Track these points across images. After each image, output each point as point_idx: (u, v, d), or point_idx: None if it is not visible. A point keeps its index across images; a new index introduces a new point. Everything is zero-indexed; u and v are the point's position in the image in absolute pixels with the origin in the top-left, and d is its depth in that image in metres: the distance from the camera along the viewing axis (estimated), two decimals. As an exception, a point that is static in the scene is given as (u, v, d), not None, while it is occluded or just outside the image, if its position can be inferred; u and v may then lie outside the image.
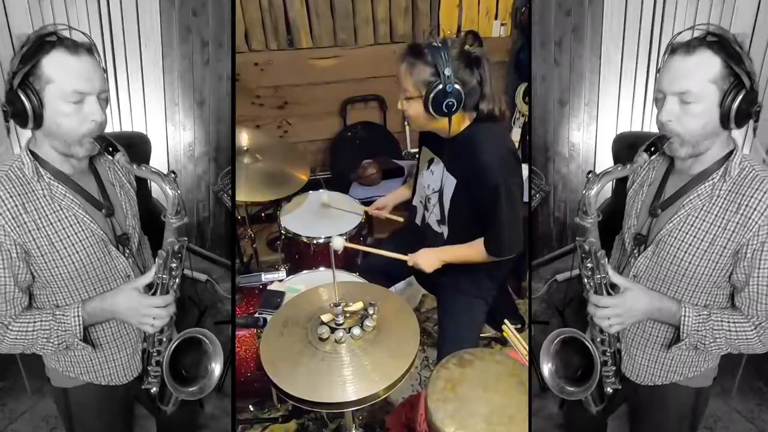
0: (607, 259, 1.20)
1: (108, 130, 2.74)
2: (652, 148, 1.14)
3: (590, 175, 1.15)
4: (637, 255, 1.32)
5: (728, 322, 1.22)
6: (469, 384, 1.39)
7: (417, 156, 2.04)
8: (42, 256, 1.21)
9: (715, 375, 1.44)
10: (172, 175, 1.18)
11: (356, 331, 1.41)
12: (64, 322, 1.23)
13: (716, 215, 1.19)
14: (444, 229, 1.89)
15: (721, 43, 1.12)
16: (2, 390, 2.32)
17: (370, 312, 1.45)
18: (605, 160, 2.80)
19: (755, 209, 1.14)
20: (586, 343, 1.24)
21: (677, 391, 1.41)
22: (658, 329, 1.35)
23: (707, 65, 1.12)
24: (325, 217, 2.40)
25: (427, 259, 1.86)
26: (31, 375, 2.36)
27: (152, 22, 2.59)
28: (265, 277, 2.09)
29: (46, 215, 1.21)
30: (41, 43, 1.14)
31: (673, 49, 1.16)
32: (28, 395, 2.28)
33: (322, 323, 1.43)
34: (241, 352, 1.99)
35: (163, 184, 1.17)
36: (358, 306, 1.47)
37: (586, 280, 1.22)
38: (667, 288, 1.29)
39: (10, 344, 1.24)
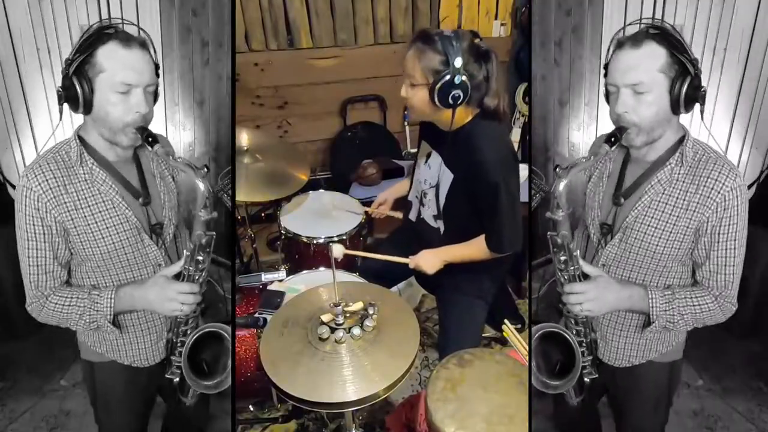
0: (578, 251, 1.26)
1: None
2: (612, 139, 1.21)
3: (557, 169, 1.19)
4: (604, 244, 1.37)
5: (691, 298, 1.30)
6: (469, 384, 1.39)
7: (416, 151, 2.04)
8: (78, 235, 1.28)
9: (684, 347, 1.51)
10: (205, 169, 1.22)
11: (356, 331, 1.41)
12: (98, 303, 1.29)
13: (677, 198, 1.27)
14: (440, 224, 1.89)
15: (662, 34, 1.20)
16: (2, 390, 2.32)
17: (370, 312, 1.45)
18: (605, 160, 2.80)
19: (712, 188, 1.22)
20: (565, 335, 1.28)
21: (653, 368, 1.47)
22: (631, 314, 1.40)
23: (654, 56, 1.19)
24: (325, 217, 2.40)
25: (429, 261, 1.85)
26: (31, 375, 2.36)
27: (152, 22, 2.59)
28: (265, 277, 2.09)
29: (86, 198, 1.28)
30: (100, 35, 1.21)
31: (620, 43, 1.23)
32: (28, 395, 2.28)
33: (322, 323, 1.43)
34: (241, 352, 1.99)
35: (195, 177, 1.22)
36: (358, 306, 1.47)
37: (559, 273, 1.28)
38: (636, 272, 1.35)
39: (48, 315, 1.32)
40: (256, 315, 1.84)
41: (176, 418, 1.77)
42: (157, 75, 1.31)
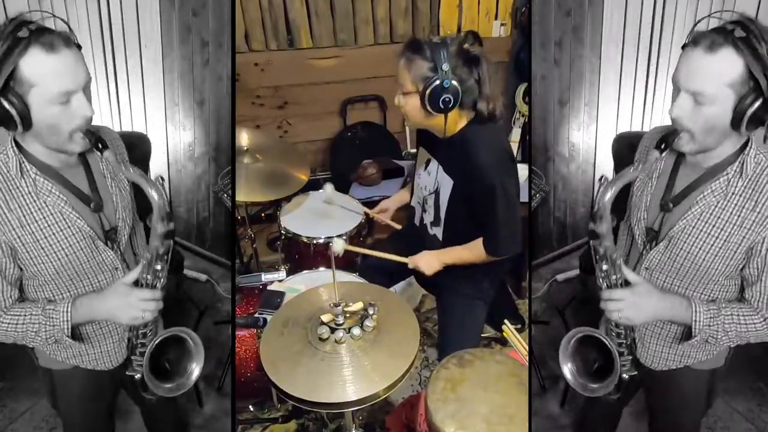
0: (622, 260, 1.20)
1: (108, 130, 2.71)
2: (663, 145, 1.13)
3: (602, 180, 1.12)
4: (649, 249, 1.31)
5: (738, 315, 1.23)
6: (469, 384, 1.39)
7: (415, 157, 2.05)
8: (27, 252, 1.20)
9: (728, 354, 1.45)
10: (160, 179, 1.16)
11: (356, 331, 1.41)
12: (53, 318, 1.22)
13: (731, 213, 1.18)
14: (437, 231, 1.89)
15: (746, 41, 1.05)
16: (2, 390, 2.32)
17: (370, 312, 1.45)
18: (605, 160, 2.80)
19: None
20: (603, 340, 1.24)
21: (691, 374, 1.43)
22: (674, 325, 1.36)
23: (728, 68, 1.06)
24: (325, 217, 2.40)
25: (428, 262, 1.86)
26: (30, 375, 2.36)
27: (152, 22, 2.60)
28: (265, 277, 2.09)
29: (31, 212, 1.19)
30: (14, 42, 1.05)
31: (695, 41, 1.09)
32: (28, 395, 2.28)
33: (322, 323, 1.43)
34: (241, 352, 1.99)
35: (149, 189, 1.14)
36: (358, 306, 1.47)
37: (600, 280, 1.22)
38: (680, 281, 1.29)
39: (2, 335, 1.25)
40: (256, 315, 1.84)
41: (151, 412, 1.75)
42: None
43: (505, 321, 1.81)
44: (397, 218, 2.30)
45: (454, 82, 1.58)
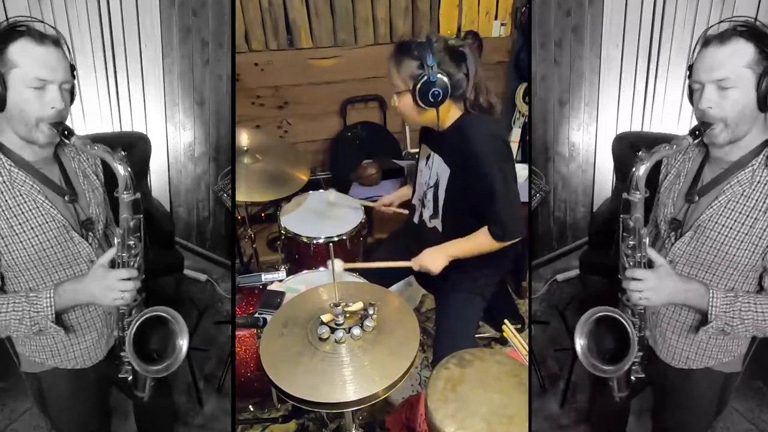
0: (648, 238, 1.24)
1: (108, 130, 2.76)
2: (696, 132, 1.19)
3: (641, 152, 1.18)
4: (673, 240, 1.34)
5: (756, 304, 1.24)
6: (469, 384, 1.39)
7: (417, 155, 2.05)
8: (2, 239, 1.25)
9: (745, 360, 1.47)
10: (121, 152, 1.23)
11: (356, 331, 1.41)
12: (37, 303, 1.25)
13: (757, 200, 1.22)
14: (435, 223, 1.91)
15: (751, 30, 1.16)
16: (2, 390, 2.32)
17: (370, 312, 1.45)
18: (605, 160, 2.80)
19: None
20: (623, 321, 1.25)
21: (709, 375, 1.44)
22: (694, 314, 1.37)
23: (741, 52, 1.16)
24: (325, 217, 2.40)
25: (433, 259, 1.84)
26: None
27: (152, 22, 2.59)
28: (265, 277, 2.09)
29: (6, 200, 1.24)
30: (11, 32, 1.20)
31: (706, 41, 1.20)
32: (28, 395, 2.28)
33: (322, 323, 1.43)
34: (241, 352, 1.99)
35: (114, 162, 1.21)
36: (358, 306, 1.48)
37: (625, 258, 1.25)
38: (704, 272, 1.32)
39: None
40: (256, 315, 1.84)
41: (143, 409, 1.73)
42: (73, 76, 1.29)
43: (505, 321, 1.81)
44: (398, 217, 2.30)
45: (441, 76, 1.66)
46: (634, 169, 1.19)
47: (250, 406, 2.26)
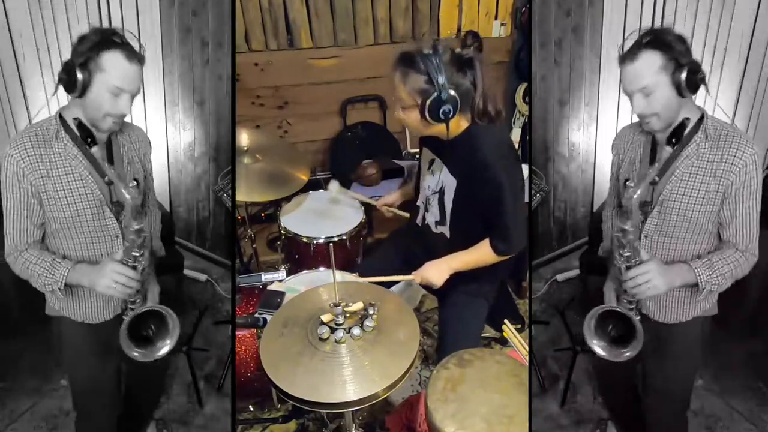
0: (639, 244, 1.42)
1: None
2: (673, 139, 1.34)
3: (628, 183, 1.34)
4: (642, 218, 1.50)
5: (725, 258, 1.47)
6: (469, 384, 1.39)
7: (418, 157, 2.04)
8: (48, 199, 1.44)
9: (716, 300, 1.64)
10: (134, 182, 1.37)
11: (356, 331, 1.41)
12: (56, 270, 1.45)
13: (705, 168, 1.43)
14: (443, 230, 1.89)
15: (654, 40, 1.35)
16: (2, 390, 2.31)
17: (370, 312, 1.45)
18: (605, 160, 2.79)
19: (734, 156, 1.40)
20: (621, 311, 1.43)
21: (693, 322, 1.61)
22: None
23: (651, 62, 1.36)
24: (325, 217, 2.40)
25: (435, 272, 1.82)
26: (31, 375, 2.36)
27: (152, 22, 2.60)
28: (265, 277, 2.09)
29: (57, 168, 1.43)
30: (107, 40, 1.38)
31: (622, 59, 1.40)
32: (28, 395, 2.28)
33: (322, 323, 1.43)
34: (241, 352, 1.99)
35: (122, 189, 1.34)
36: (358, 306, 1.48)
37: (620, 263, 1.43)
38: (676, 239, 1.50)
39: (19, 269, 1.48)
40: (256, 315, 1.84)
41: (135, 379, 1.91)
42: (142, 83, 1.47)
43: (505, 321, 1.81)
44: (398, 218, 2.30)
45: (452, 92, 1.58)
46: (625, 199, 1.33)
47: (250, 406, 2.26)
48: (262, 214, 3.28)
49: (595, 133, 2.84)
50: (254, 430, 2.20)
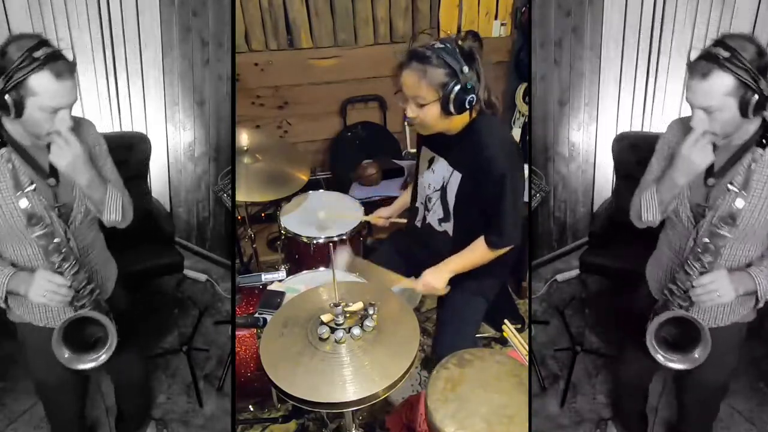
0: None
1: (108, 130, 2.76)
2: (763, 140, 1.32)
3: (731, 185, 1.33)
4: (694, 223, 1.46)
5: None
6: (469, 384, 1.39)
7: (416, 158, 2.04)
8: None
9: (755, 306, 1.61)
10: (32, 186, 1.34)
11: (356, 331, 1.41)
12: None
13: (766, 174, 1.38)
14: (446, 227, 1.89)
15: (731, 59, 1.26)
16: (2, 390, 2.31)
17: (370, 312, 1.45)
18: (605, 160, 2.80)
19: None
20: (684, 315, 1.41)
21: (731, 328, 1.59)
22: None
23: (721, 84, 1.27)
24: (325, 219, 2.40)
25: (437, 279, 1.83)
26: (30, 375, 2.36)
27: (152, 22, 2.59)
28: (265, 277, 2.09)
29: None
30: (30, 59, 1.27)
31: (691, 69, 1.31)
32: (28, 395, 2.28)
33: (322, 323, 1.43)
34: (241, 352, 1.99)
35: (15, 193, 1.33)
36: (358, 306, 1.48)
37: (695, 269, 1.40)
38: (737, 247, 1.46)
39: None
40: (256, 315, 1.84)
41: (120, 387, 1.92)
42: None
43: (505, 321, 1.81)
44: (396, 227, 2.30)
45: (474, 81, 1.59)
46: (727, 207, 1.34)
47: (250, 406, 2.26)
48: (262, 214, 3.28)
49: (595, 133, 2.83)
50: (254, 430, 2.20)
